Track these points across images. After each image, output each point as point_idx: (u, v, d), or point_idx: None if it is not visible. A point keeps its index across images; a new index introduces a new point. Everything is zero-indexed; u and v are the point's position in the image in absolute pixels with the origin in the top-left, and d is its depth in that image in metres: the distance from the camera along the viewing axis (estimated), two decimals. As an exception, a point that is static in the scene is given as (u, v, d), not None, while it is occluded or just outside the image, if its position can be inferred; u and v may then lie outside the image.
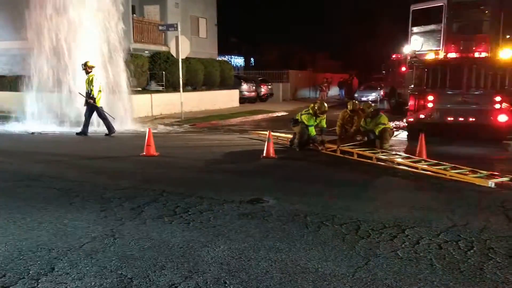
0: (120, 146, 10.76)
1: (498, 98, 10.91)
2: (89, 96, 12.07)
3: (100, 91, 12.23)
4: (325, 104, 10.06)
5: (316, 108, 9.73)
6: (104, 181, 6.66)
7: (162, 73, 20.06)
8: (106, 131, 12.19)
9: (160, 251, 4.06)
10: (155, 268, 3.69)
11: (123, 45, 14.47)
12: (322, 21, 48.29)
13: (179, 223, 4.85)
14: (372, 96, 29.72)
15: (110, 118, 12.35)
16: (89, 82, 12.10)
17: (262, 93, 27.72)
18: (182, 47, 15.80)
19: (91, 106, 12.13)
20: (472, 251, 4.09)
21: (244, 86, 25.86)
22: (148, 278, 3.52)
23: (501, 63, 11.07)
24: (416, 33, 12.67)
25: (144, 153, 8.95)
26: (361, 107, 10.39)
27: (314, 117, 9.70)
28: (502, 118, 10.72)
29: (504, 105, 10.82)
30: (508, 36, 11.35)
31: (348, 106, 10.40)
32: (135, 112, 14.86)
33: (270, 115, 19.94)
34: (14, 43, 17.78)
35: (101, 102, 12.26)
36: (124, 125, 13.76)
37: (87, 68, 12.19)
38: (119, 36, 14.27)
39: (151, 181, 6.72)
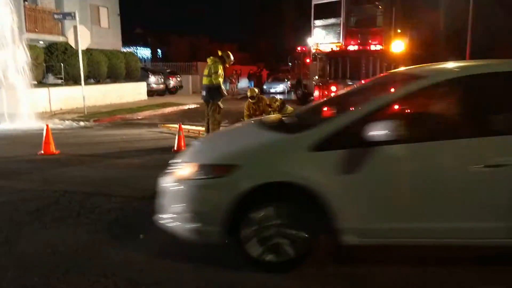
0: (15, 145, 9.83)
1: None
2: None
3: None
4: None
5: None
6: (-4, 184, 6.05)
7: (60, 65, 18.68)
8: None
9: (63, 255, 3.79)
10: (58, 274, 3.44)
11: (14, 36, 13.26)
12: (230, 13, 48.49)
13: (85, 224, 4.56)
14: (280, 87, 30.56)
15: None
16: None
17: (171, 85, 27.10)
18: (81, 38, 14.79)
19: None
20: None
21: (152, 79, 25.06)
22: (50, 285, 3.27)
23: (394, 55, 12.01)
24: (318, 26, 13.23)
25: (43, 152, 8.29)
26: (267, 102, 10.62)
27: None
28: None
29: None
30: (399, 30, 12.32)
31: (248, 93, 10.63)
32: (30, 108, 13.69)
33: (180, 107, 19.54)
34: None
35: None
36: (18, 121, 12.64)
37: None
38: (9, 25, 13.06)
39: (51, 181, 6.24)
